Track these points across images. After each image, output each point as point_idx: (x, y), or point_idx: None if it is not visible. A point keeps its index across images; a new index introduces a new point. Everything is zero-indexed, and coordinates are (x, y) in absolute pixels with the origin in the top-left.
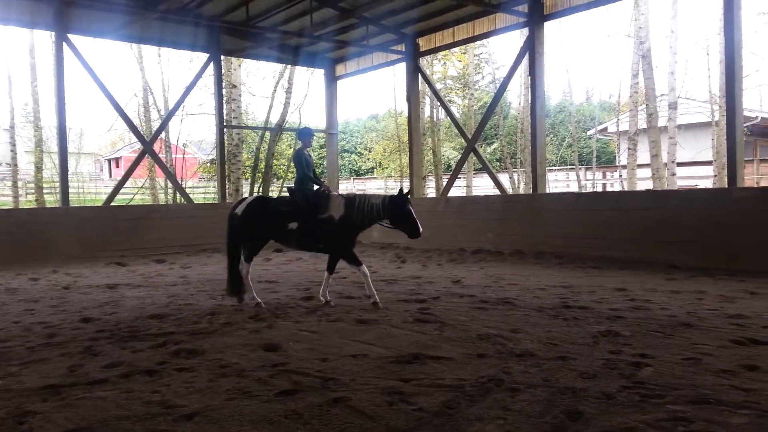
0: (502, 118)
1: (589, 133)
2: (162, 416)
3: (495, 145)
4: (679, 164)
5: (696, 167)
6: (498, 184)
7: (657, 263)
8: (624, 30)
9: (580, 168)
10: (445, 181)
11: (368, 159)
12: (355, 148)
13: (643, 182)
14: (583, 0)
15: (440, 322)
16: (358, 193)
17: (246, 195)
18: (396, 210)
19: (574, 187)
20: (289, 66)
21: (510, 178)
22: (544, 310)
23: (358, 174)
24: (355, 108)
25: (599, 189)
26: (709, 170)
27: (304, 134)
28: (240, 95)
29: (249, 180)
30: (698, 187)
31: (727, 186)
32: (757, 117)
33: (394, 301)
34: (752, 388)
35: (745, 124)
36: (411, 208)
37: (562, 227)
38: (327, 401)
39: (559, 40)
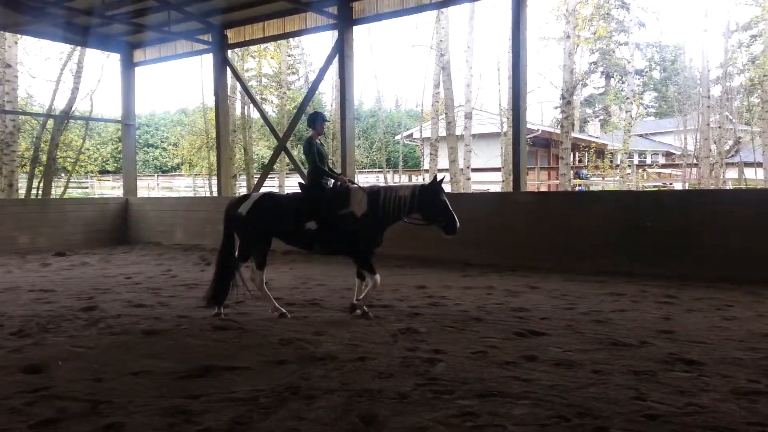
0: None
1: (396, 138)
2: None
3: None
4: (474, 170)
5: (488, 173)
6: None
7: (454, 261)
8: (427, 42)
9: (388, 171)
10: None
11: (175, 155)
12: (161, 143)
13: (443, 185)
14: (387, 8)
15: (240, 328)
16: (381, 185)
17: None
18: (429, 201)
19: None
20: (78, 47)
21: None
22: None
23: (163, 171)
24: (164, 100)
25: None
26: (498, 176)
27: (315, 119)
28: (16, 76)
29: (27, 174)
30: (489, 191)
31: (512, 190)
32: (538, 130)
33: (193, 308)
34: (531, 378)
35: (528, 136)
36: (446, 198)
37: None
38: (96, 429)
39: (369, 46)
